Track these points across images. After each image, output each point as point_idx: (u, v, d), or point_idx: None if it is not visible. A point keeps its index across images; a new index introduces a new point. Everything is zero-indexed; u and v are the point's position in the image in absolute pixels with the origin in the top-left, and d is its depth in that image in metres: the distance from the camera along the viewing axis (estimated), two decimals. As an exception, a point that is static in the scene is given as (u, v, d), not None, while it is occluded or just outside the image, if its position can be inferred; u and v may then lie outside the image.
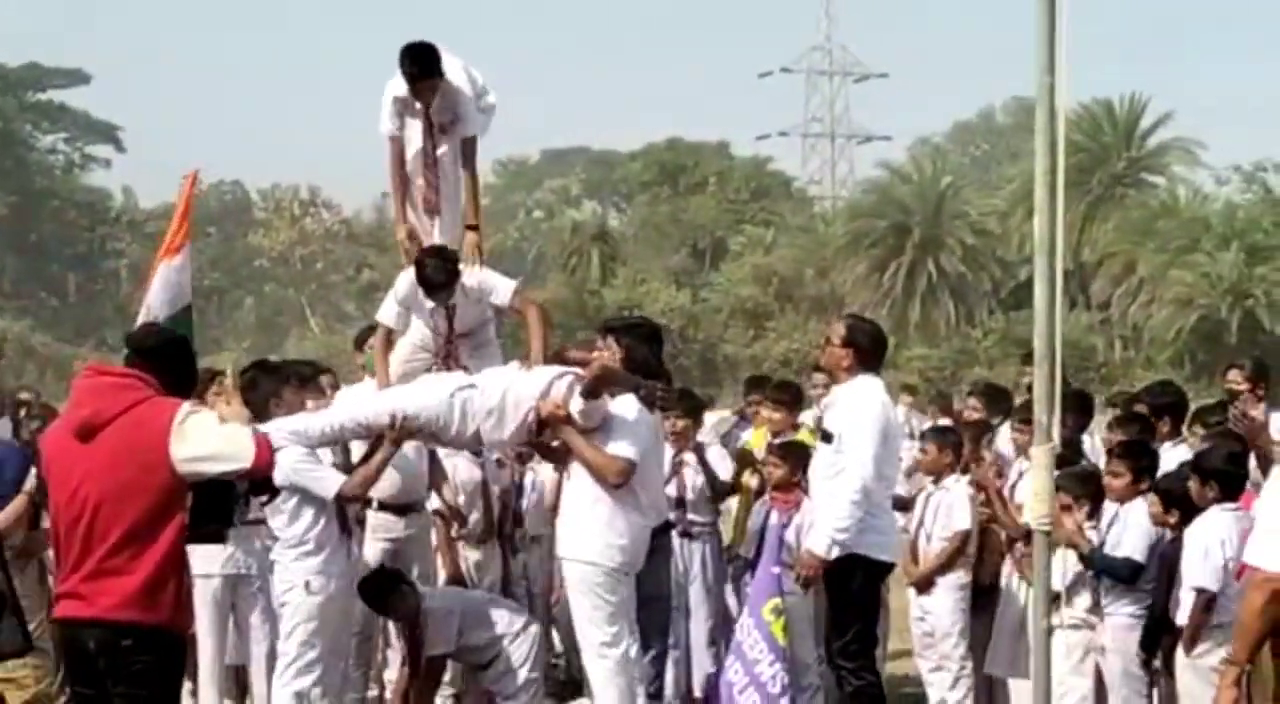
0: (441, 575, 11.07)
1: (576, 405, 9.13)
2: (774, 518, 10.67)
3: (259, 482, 8.16)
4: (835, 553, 9.46)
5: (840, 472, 9.55)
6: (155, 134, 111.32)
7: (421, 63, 10.77)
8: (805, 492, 10.81)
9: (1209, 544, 8.46)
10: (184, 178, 13.66)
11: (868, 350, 9.77)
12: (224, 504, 7.92)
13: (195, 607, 9.60)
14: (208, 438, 7.25)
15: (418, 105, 10.94)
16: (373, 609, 10.57)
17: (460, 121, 11.00)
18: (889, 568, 10.01)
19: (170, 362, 7.43)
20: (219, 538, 8.77)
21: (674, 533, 11.35)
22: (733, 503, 12.02)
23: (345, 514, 9.99)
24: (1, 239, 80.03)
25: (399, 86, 10.94)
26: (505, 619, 10.57)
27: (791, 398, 12.47)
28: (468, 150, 11.03)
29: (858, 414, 9.56)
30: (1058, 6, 6.75)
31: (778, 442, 11.65)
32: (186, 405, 7.31)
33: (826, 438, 9.76)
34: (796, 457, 10.96)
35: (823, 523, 9.57)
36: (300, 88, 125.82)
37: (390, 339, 10.91)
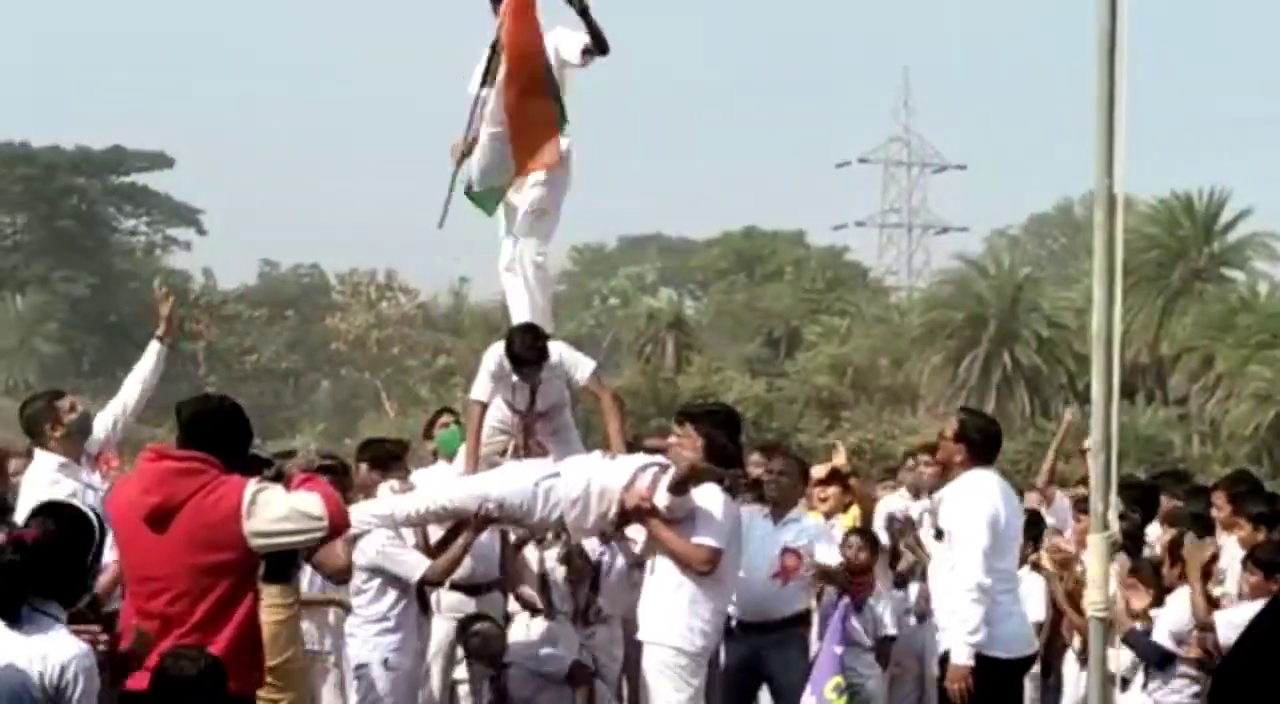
0: None
1: (663, 499, 9.32)
2: (839, 599, 10.69)
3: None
4: (970, 657, 9.28)
5: (953, 567, 9.56)
6: (236, 217, 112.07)
7: None
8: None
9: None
10: None
11: (979, 444, 9.79)
12: (292, 557, 8.35)
13: None
14: (280, 513, 7.34)
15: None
16: (464, 647, 10.67)
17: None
18: (1018, 664, 9.81)
19: (218, 433, 7.46)
20: (286, 580, 8.92)
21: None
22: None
23: (425, 595, 10.22)
24: (82, 320, 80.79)
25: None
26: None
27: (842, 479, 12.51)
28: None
29: (966, 510, 9.53)
30: (1116, 110, 6.98)
31: (855, 528, 11.72)
32: (253, 484, 7.39)
33: (939, 535, 9.84)
34: (875, 543, 11.11)
35: (954, 631, 9.45)
36: (379, 172, 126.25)
37: (484, 417, 10.93)
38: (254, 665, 7.45)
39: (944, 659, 9.43)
